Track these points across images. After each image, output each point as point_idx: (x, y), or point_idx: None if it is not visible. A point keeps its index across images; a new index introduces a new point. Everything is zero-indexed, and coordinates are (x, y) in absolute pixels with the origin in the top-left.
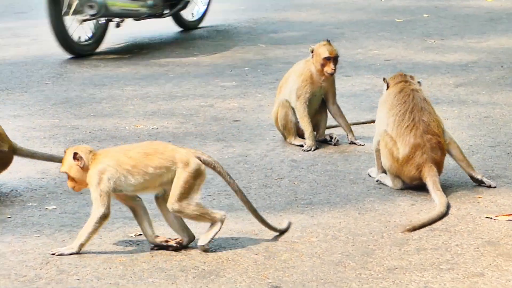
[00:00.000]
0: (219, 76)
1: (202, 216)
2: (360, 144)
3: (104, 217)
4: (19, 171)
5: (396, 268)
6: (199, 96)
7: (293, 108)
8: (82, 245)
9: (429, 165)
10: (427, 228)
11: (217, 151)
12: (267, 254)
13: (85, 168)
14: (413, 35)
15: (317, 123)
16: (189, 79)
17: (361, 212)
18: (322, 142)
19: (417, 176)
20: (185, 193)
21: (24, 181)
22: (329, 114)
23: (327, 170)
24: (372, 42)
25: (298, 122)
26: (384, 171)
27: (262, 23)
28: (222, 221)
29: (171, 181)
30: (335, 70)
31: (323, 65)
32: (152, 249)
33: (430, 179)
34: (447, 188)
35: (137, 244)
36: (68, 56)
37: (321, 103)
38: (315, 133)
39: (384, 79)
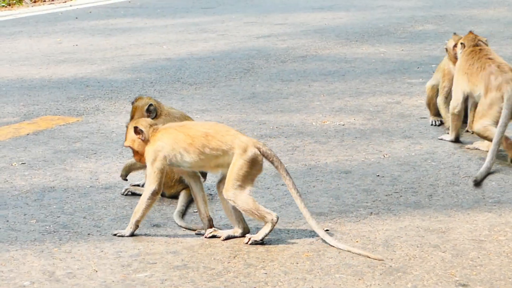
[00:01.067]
0: (406, 72)
1: (251, 211)
2: None
3: (155, 193)
4: None
5: None
6: (386, 92)
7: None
8: (138, 221)
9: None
10: None
11: (404, 148)
12: (454, 252)
13: (145, 141)
14: None
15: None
16: (376, 76)
17: None
18: None
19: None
20: (239, 181)
21: (214, 176)
22: None
23: None
24: None
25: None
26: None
27: (448, 20)
28: (273, 223)
29: (228, 165)
30: None
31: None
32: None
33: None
34: None
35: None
36: (255, 51)
37: None
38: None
39: (461, 43)
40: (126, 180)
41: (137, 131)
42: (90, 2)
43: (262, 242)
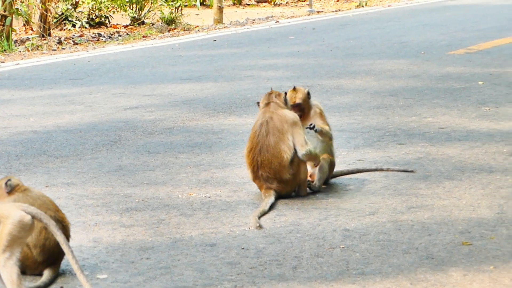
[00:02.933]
0: None
1: (12, 285)
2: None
3: None
4: (71, 239)
5: None
6: None
7: None
8: None
9: (265, 188)
10: None
11: (269, 220)
12: None
13: None
14: (467, 103)
15: None
16: (243, 147)
17: (413, 282)
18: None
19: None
20: (8, 246)
21: (76, 250)
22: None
23: (379, 239)
24: (426, 110)
25: None
26: None
27: (316, 90)
28: None
29: None
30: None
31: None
32: None
33: (264, 197)
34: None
35: None
36: (122, 123)
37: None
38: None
39: (257, 103)
40: None
41: None
42: None
43: None
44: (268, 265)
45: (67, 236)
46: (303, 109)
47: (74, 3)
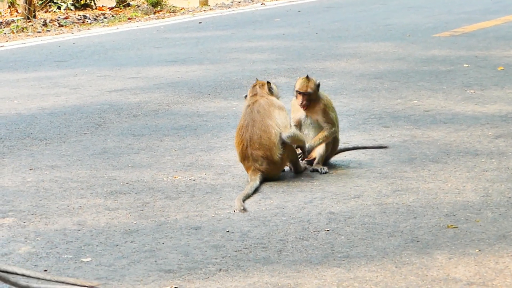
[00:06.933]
0: None
1: None
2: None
3: None
4: (55, 222)
5: None
6: None
7: None
8: None
9: (252, 170)
10: (464, 282)
11: (254, 203)
12: None
13: None
14: (453, 85)
15: None
16: (228, 129)
17: (398, 265)
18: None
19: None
20: None
21: (60, 233)
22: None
23: (364, 222)
24: (412, 92)
25: None
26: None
27: (301, 73)
28: None
29: None
30: (303, 106)
31: (297, 97)
32: None
33: (250, 180)
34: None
35: None
36: (107, 105)
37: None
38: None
39: (245, 96)
40: None
41: None
42: None
43: None
44: (253, 248)
45: None
46: (310, 99)
47: None
